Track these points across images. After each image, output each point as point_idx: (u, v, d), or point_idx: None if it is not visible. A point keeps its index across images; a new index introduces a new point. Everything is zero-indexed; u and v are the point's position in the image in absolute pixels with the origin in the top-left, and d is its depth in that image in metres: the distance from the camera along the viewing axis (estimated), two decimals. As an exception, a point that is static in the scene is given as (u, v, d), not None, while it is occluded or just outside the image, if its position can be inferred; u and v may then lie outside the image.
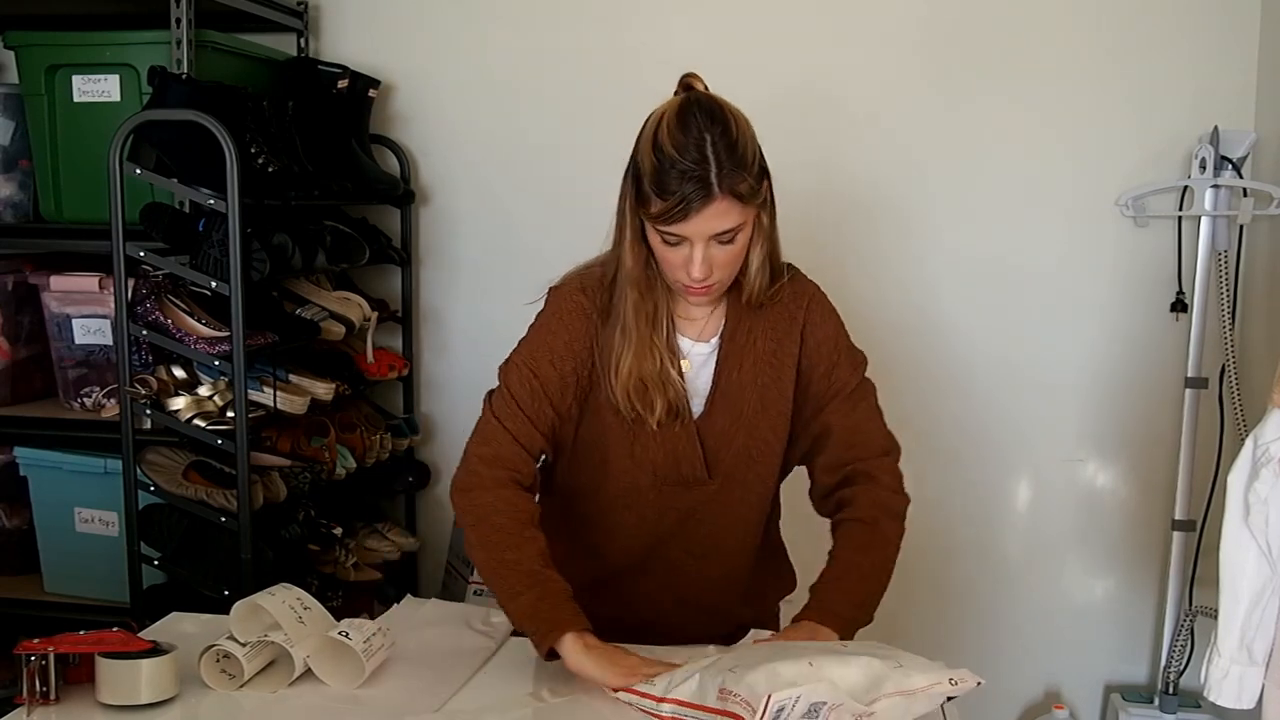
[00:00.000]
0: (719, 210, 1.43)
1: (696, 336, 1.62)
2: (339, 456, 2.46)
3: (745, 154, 1.45)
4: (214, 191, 2.10)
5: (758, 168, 1.47)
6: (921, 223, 2.69)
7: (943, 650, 1.73)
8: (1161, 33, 2.56)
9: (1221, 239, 2.51)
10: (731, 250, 1.49)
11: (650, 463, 1.62)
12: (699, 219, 1.43)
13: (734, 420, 1.62)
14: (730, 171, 1.42)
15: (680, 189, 1.42)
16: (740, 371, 1.61)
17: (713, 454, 1.63)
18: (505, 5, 2.78)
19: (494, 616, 1.68)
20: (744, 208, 1.46)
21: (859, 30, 2.66)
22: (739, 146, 1.44)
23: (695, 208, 1.42)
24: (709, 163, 1.42)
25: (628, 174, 1.52)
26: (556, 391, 1.58)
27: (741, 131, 1.46)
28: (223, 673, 1.42)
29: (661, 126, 1.45)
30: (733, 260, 1.51)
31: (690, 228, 1.44)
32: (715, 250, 1.48)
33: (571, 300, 1.60)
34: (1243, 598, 1.70)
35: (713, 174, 1.42)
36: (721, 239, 1.47)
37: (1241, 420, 2.46)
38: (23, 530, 2.55)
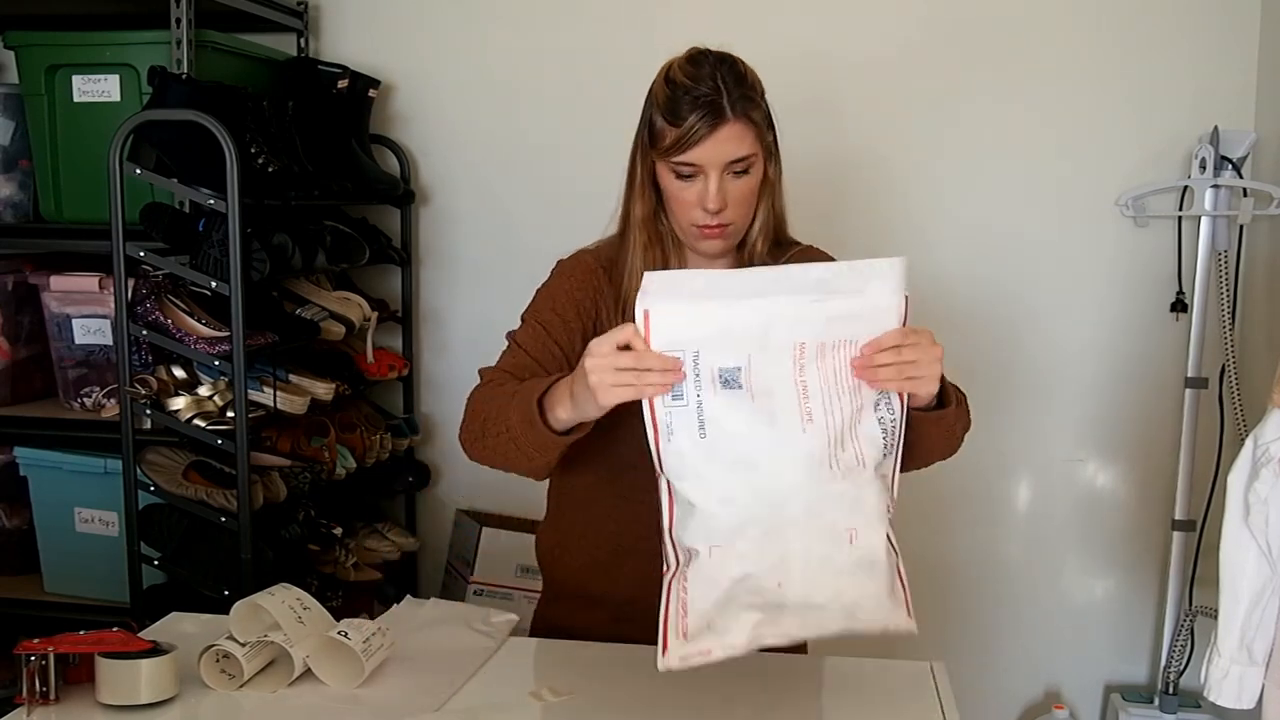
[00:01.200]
0: (733, 133, 1.45)
1: None
2: (339, 456, 2.46)
3: (755, 87, 1.49)
4: (214, 191, 2.10)
5: (766, 106, 1.50)
6: (921, 223, 2.69)
7: (943, 650, 1.74)
8: (1161, 33, 2.56)
9: (1221, 239, 2.51)
10: (746, 185, 1.49)
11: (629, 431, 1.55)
12: (713, 142, 1.44)
13: None
14: (741, 96, 1.45)
15: (693, 114, 1.44)
16: None
17: None
18: (505, 5, 2.78)
19: (494, 616, 1.68)
20: (756, 137, 1.47)
21: (859, 31, 2.66)
22: (748, 79, 1.48)
23: (708, 129, 1.44)
24: (720, 89, 1.44)
25: (639, 126, 1.54)
26: (561, 333, 1.56)
27: (749, 72, 1.50)
28: (222, 673, 1.42)
29: (673, 66, 1.51)
30: (747, 197, 1.51)
31: (704, 152, 1.45)
32: (729, 184, 1.47)
33: (576, 259, 1.62)
34: (1243, 598, 1.70)
35: (724, 98, 1.44)
36: (735, 168, 1.47)
37: (1241, 420, 2.46)
38: (23, 530, 2.55)
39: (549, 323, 1.57)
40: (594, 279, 1.59)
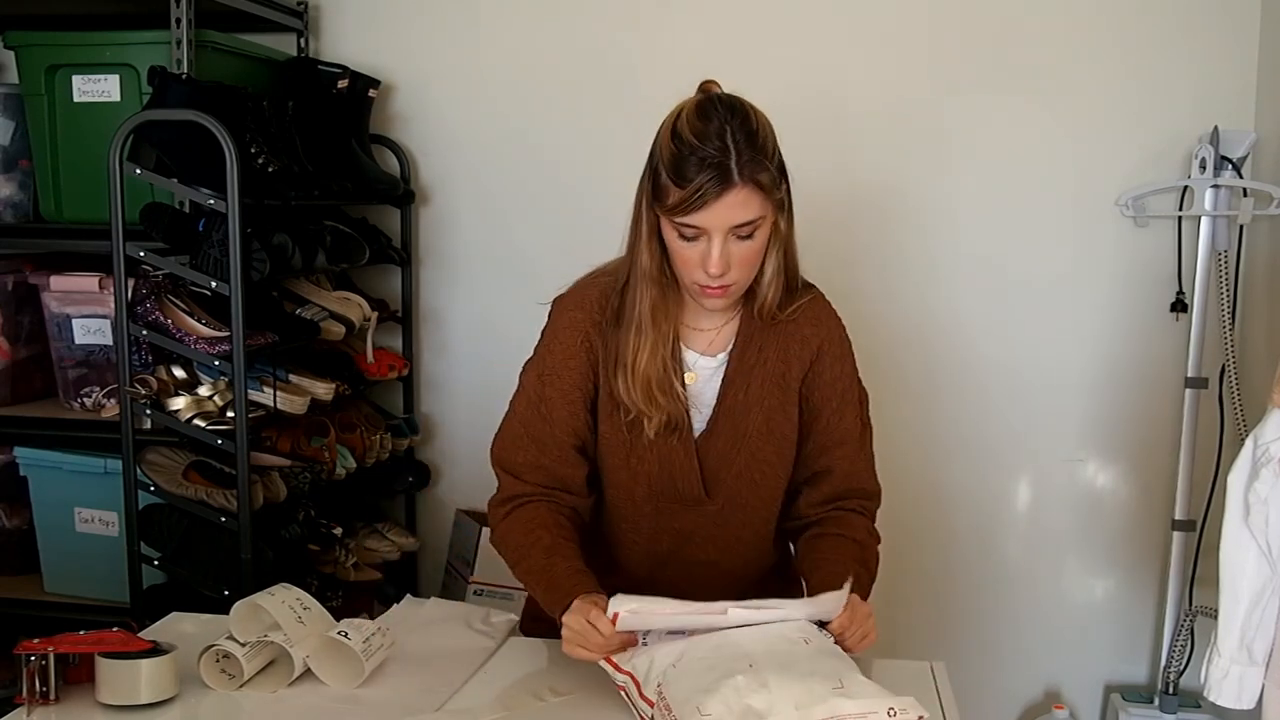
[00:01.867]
0: (739, 199, 1.40)
1: (704, 349, 1.58)
2: (339, 456, 2.46)
3: (766, 145, 1.43)
4: (214, 191, 2.10)
5: (777, 162, 1.45)
6: (921, 223, 2.69)
7: (943, 650, 1.74)
8: (1161, 33, 2.56)
9: (1221, 239, 2.51)
10: (750, 247, 1.45)
11: (646, 475, 1.58)
12: (718, 207, 1.40)
13: (736, 441, 1.58)
14: (750, 159, 1.40)
15: (699, 176, 1.39)
16: (747, 391, 1.57)
17: (712, 473, 1.59)
18: (505, 5, 2.78)
19: (494, 616, 1.68)
20: (764, 200, 1.42)
21: (858, 33, 2.66)
22: (759, 137, 1.42)
23: (714, 195, 1.39)
24: (729, 150, 1.39)
25: (645, 173, 1.49)
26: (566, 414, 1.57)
27: (761, 124, 1.44)
28: (222, 673, 1.42)
29: (681, 118, 1.43)
30: (751, 259, 1.47)
31: (709, 217, 1.41)
32: (734, 246, 1.44)
33: (567, 317, 1.59)
34: (1243, 598, 1.70)
35: (733, 160, 1.39)
36: (740, 233, 1.43)
37: (1241, 420, 2.46)
38: (23, 530, 2.55)
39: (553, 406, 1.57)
40: (585, 339, 1.57)
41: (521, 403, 1.60)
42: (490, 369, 2.89)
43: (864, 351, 2.76)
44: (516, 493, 1.58)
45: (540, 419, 1.57)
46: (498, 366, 2.87)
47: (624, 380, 1.52)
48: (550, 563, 1.50)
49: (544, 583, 1.49)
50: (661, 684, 1.31)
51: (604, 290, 1.57)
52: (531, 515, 1.55)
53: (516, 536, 1.56)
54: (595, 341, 1.56)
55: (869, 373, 2.85)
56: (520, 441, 1.58)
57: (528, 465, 1.58)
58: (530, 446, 1.58)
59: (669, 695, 1.29)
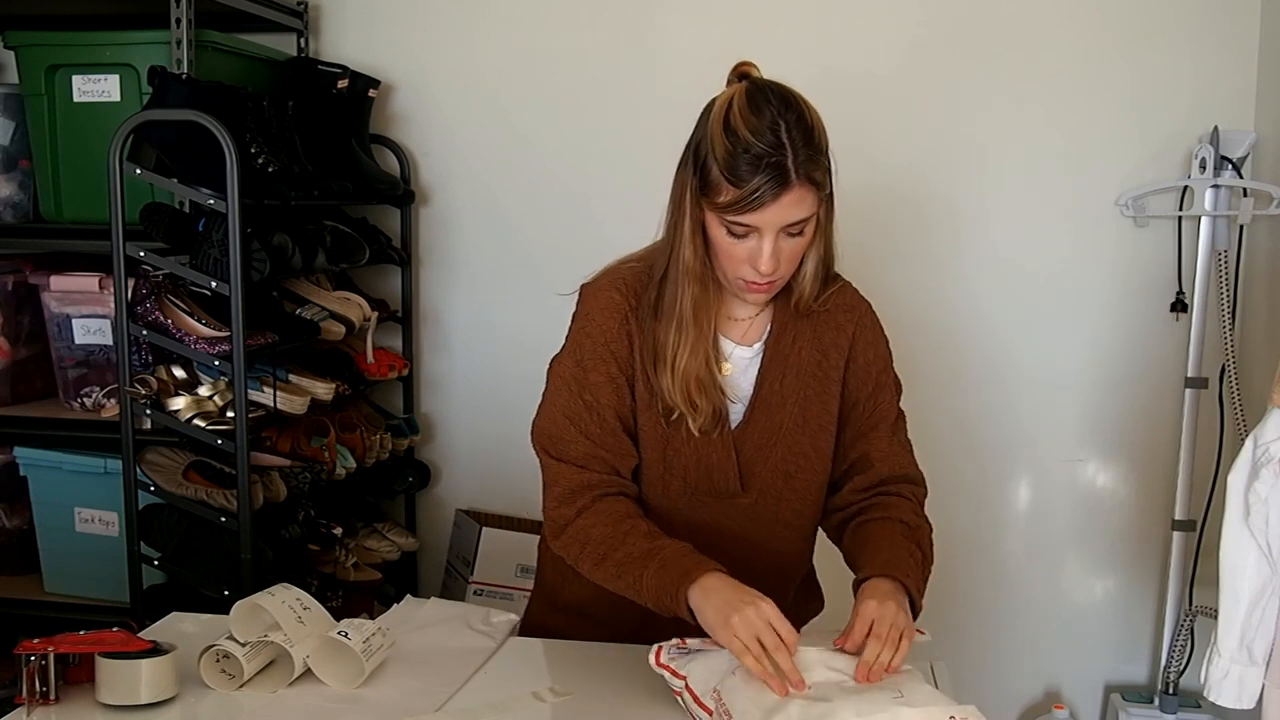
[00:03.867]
0: (795, 199, 1.36)
1: (739, 339, 1.54)
2: (339, 456, 2.46)
3: (821, 141, 1.39)
4: (214, 191, 2.10)
5: (828, 158, 1.40)
6: (919, 223, 2.69)
7: (943, 650, 1.74)
8: (1161, 33, 2.56)
9: (1221, 239, 2.51)
10: (800, 243, 1.42)
11: (681, 468, 1.52)
12: (775, 208, 1.36)
13: (773, 432, 1.54)
14: (807, 158, 1.35)
15: (757, 176, 1.34)
16: (783, 381, 1.53)
17: (748, 466, 1.54)
18: (505, 6, 2.78)
19: (494, 616, 1.68)
20: (817, 196, 1.39)
21: (858, 32, 2.66)
22: (815, 133, 1.38)
23: (772, 196, 1.34)
24: (785, 147, 1.34)
25: (687, 164, 1.43)
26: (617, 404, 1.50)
27: (815, 118, 1.40)
28: (223, 673, 1.42)
29: (732, 110, 1.37)
30: (798, 254, 1.44)
31: (764, 217, 1.36)
32: (784, 243, 1.40)
33: (603, 298, 1.51)
34: (1243, 598, 1.70)
35: (789, 159, 1.34)
36: (791, 230, 1.39)
37: (1241, 420, 2.46)
38: (23, 530, 2.55)
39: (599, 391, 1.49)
40: (624, 323, 1.50)
41: (561, 398, 1.51)
42: (490, 369, 2.90)
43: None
44: (585, 483, 1.48)
45: (585, 409, 1.49)
46: (498, 366, 2.90)
47: (667, 378, 1.47)
48: (656, 545, 1.42)
49: (654, 565, 1.39)
50: (719, 689, 1.30)
51: (637, 275, 1.52)
52: (615, 507, 1.47)
53: (601, 530, 1.45)
54: (633, 325, 1.50)
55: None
56: (568, 436, 1.50)
57: (584, 458, 1.49)
58: (580, 439, 1.49)
59: (729, 702, 1.28)
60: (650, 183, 2.76)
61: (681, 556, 1.40)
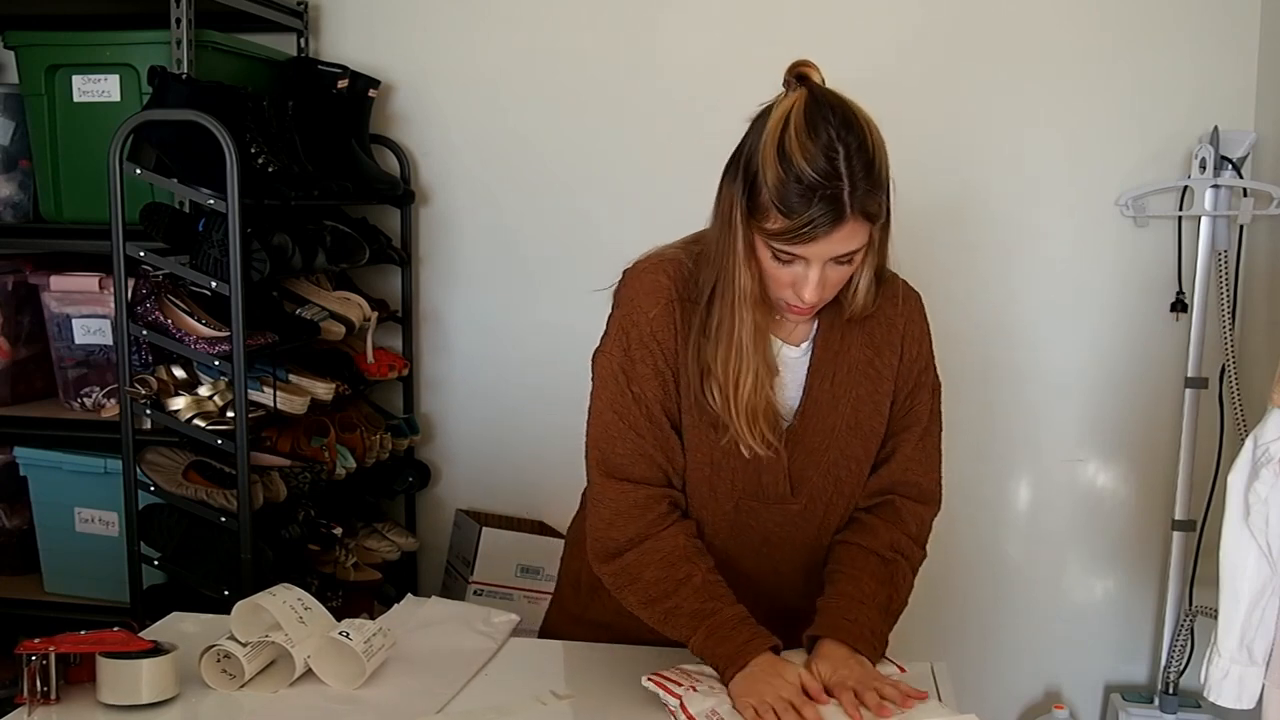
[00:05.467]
0: (848, 233, 1.29)
1: (786, 338, 1.47)
2: (339, 456, 2.46)
3: (882, 171, 1.30)
4: (214, 191, 2.10)
5: (888, 180, 1.32)
6: (920, 223, 2.68)
7: (943, 650, 1.73)
8: (1161, 32, 2.56)
9: (1221, 239, 2.51)
10: (847, 270, 1.36)
11: (730, 473, 1.45)
12: (826, 242, 1.28)
13: (825, 435, 1.46)
14: (865, 192, 1.27)
15: (810, 210, 1.26)
16: (834, 382, 1.46)
17: (799, 471, 1.47)
18: (505, 5, 2.78)
19: (495, 617, 1.68)
20: (871, 227, 1.31)
21: (857, 31, 2.66)
22: (876, 161, 1.29)
23: (824, 231, 1.27)
24: (843, 180, 1.26)
25: (737, 178, 1.34)
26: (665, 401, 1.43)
27: (876, 142, 1.31)
28: (223, 672, 1.42)
29: (789, 131, 1.28)
30: (843, 280, 1.38)
31: (814, 250, 1.29)
32: (831, 271, 1.33)
33: (648, 280, 1.43)
34: (1243, 598, 1.70)
35: (845, 193, 1.26)
36: (840, 259, 1.32)
37: (1241, 420, 2.46)
38: (23, 530, 2.55)
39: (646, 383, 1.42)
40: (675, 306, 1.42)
41: (608, 391, 1.43)
42: (490, 369, 2.90)
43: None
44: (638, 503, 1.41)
45: (634, 401, 1.41)
46: (498, 366, 2.90)
47: (722, 400, 1.39)
48: (709, 608, 1.38)
49: (704, 629, 1.37)
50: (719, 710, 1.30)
51: (680, 264, 1.44)
52: (671, 544, 1.41)
53: (654, 572, 1.40)
54: (677, 315, 1.41)
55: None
56: (617, 432, 1.42)
57: (631, 458, 1.42)
58: (629, 435, 1.42)
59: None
60: (650, 182, 2.77)
61: (735, 629, 1.35)
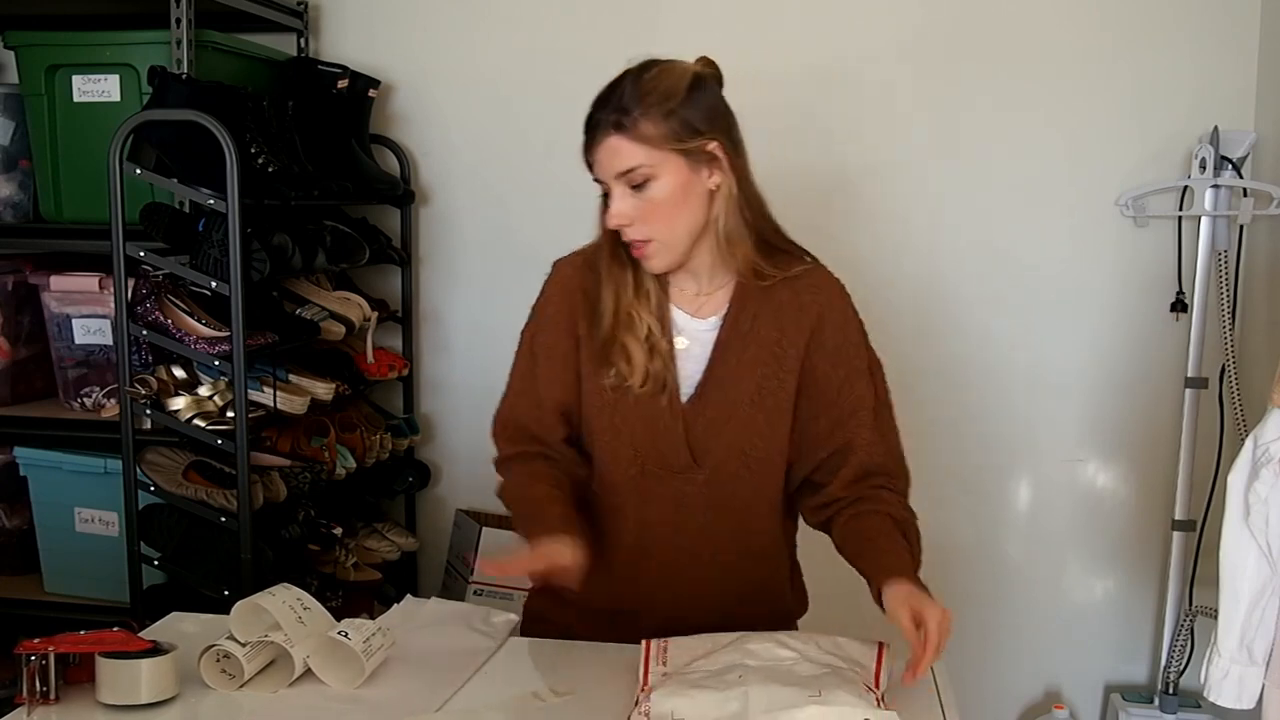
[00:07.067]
0: (614, 146, 1.46)
1: (694, 312, 1.57)
2: (339, 456, 2.46)
3: (656, 95, 1.45)
4: (214, 191, 2.10)
5: (677, 116, 1.45)
6: (920, 223, 2.69)
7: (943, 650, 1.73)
8: (1161, 33, 2.56)
9: (1221, 239, 2.51)
10: (649, 200, 1.47)
11: (630, 436, 1.55)
12: (599, 154, 1.48)
13: (727, 409, 1.54)
14: (628, 108, 1.45)
15: (589, 124, 1.48)
16: (739, 357, 1.54)
17: (700, 441, 1.55)
18: (505, 5, 2.78)
19: (494, 616, 1.68)
20: (646, 149, 1.45)
21: (857, 31, 2.66)
22: (652, 88, 1.45)
23: (594, 140, 1.48)
24: (610, 99, 1.47)
25: None
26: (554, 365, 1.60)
27: (663, 77, 1.46)
28: (223, 672, 1.42)
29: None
30: (655, 213, 1.48)
31: (598, 167, 1.49)
32: (633, 198, 1.47)
33: (563, 265, 1.65)
34: (1243, 598, 1.70)
35: (611, 109, 1.46)
36: (632, 183, 1.47)
37: (1241, 420, 2.46)
38: (23, 530, 2.55)
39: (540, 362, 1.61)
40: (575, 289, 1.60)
41: (518, 361, 1.66)
42: (490, 369, 2.86)
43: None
44: (514, 451, 1.63)
45: (532, 375, 1.62)
46: (498, 366, 2.87)
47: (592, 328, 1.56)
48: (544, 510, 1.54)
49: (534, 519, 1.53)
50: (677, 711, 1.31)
51: (597, 249, 1.61)
52: (534, 468, 1.60)
53: (515, 489, 1.61)
54: (578, 299, 1.59)
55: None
56: (513, 398, 1.64)
57: (517, 422, 1.62)
58: (521, 402, 1.63)
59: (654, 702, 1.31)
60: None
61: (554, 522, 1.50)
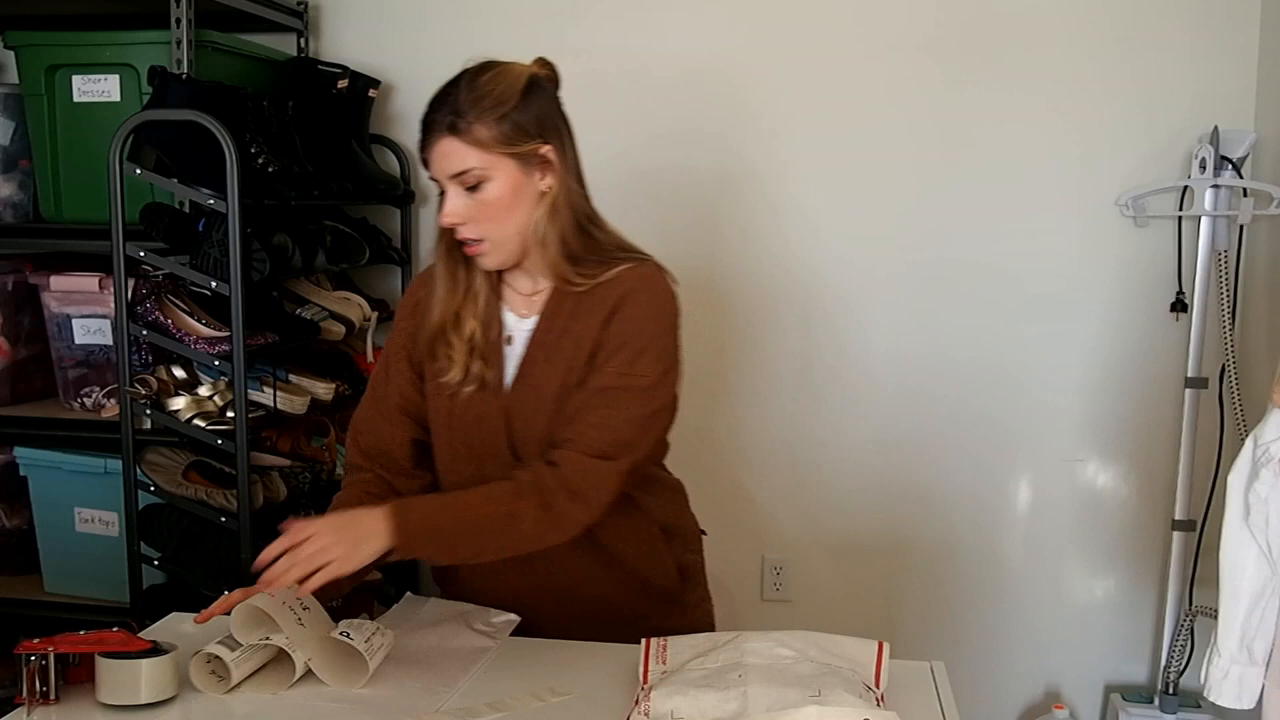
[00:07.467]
0: (448, 148, 1.48)
1: (523, 312, 1.62)
2: (339, 456, 2.46)
3: (491, 99, 1.48)
4: (214, 191, 2.10)
5: (510, 120, 1.48)
6: (921, 224, 2.69)
7: (942, 650, 1.74)
8: (1162, 32, 2.56)
9: (1221, 239, 2.51)
10: (482, 201, 1.50)
11: (464, 434, 1.61)
12: (433, 154, 1.50)
13: (538, 401, 1.57)
14: (463, 111, 1.47)
15: (424, 126, 1.51)
16: (549, 354, 1.58)
17: (519, 434, 1.58)
18: (505, 6, 2.78)
19: (494, 616, 1.67)
20: (479, 152, 1.48)
21: (858, 32, 2.66)
22: (487, 91, 1.48)
23: (429, 141, 1.50)
24: (445, 101, 1.49)
25: None
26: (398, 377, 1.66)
27: (498, 80, 1.49)
28: (212, 674, 1.41)
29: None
30: (487, 213, 1.51)
31: (433, 167, 1.51)
32: (466, 199, 1.50)
33: (416, 278, 1.72)
34: (1243, 598, 1.70)
35: (446, 111, 1.48)
36: (466, 184, 1.49)
37: (1241, 420, 2.46)
38: (23, 530, 2.55)
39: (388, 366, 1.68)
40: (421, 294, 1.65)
41: (375, 366, 1.72)
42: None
43: (862, 352, 2.76)
44: (352, 463, 1.69)
45: (384, 380, 1.68)
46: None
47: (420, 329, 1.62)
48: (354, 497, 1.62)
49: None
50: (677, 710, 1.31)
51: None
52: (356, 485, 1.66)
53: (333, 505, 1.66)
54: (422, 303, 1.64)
55: (868, 372, 2.85)
56: (365, 402, 1.70)
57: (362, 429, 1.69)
58: (370, 404, 1.69)
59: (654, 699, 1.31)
60: (649, 182, 2.77)
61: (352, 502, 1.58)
